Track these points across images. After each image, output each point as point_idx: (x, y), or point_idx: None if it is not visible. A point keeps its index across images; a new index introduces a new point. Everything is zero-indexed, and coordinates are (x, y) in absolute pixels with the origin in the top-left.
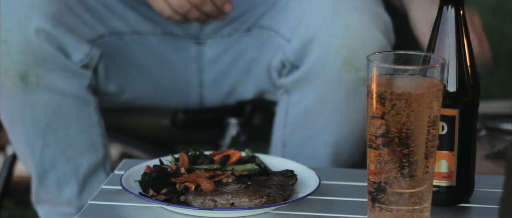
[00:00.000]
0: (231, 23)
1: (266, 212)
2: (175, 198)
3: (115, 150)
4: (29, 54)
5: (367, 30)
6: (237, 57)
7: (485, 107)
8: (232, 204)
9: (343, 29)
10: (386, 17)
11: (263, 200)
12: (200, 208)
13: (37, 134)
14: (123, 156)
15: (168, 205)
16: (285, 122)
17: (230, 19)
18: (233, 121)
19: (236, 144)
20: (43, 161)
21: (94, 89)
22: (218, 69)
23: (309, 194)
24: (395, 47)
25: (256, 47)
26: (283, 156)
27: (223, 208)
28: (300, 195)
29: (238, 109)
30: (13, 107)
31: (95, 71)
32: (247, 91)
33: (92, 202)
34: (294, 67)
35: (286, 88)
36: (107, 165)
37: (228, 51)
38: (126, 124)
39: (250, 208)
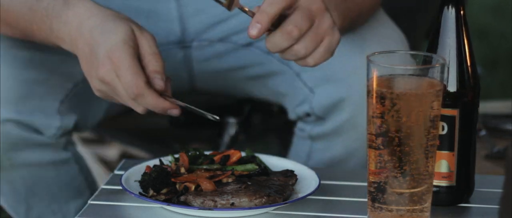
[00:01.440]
0: (217, 25)
1: (266, 212)
2: (175, 198)
3: (115, 150)
4: None
5: None
6: (232, 68)
7: (485, 107)
8: (232, 204)
9: None
10: None
11: (263, 200)
12: (200, 208)
13: (19, 202)
14: (123, 155)
15: (168, 205)
16: (306, 164)
17: (216, 21)
18: (232, 120)
19: (235, 143)
20: None
21: (70, 142)
22: (209, 69)
23: (309, 194)
24: None
25: (258, 66)
26: None
27: (223, 208)
28: (300, 195)
29: (237, 108)
30: None
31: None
32: (243, 94)
33: (92, 202)
34: (320, 118)
35: (311, 136)
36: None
37: (221, 57)
38: (126, 123)
39: (250, 208)
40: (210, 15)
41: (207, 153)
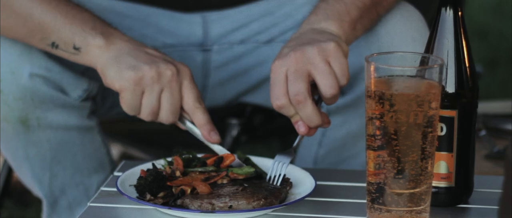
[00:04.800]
0: (239, 29)
1: (266, 214)
2: (171, 201)
3: (115, 150)
4: (26, 100)
5: None
6: (250, 67)
7: (485, 107)
8: (230, 206)
9: None
10: None
11: (261, 202)
12: (200, 211)
13: (44, 168)
14: (123, 156)
15: (169, 209)
16: (321, 142)
17: (238, 25)
18: (234, 122)
19: (237, 144)
20: (52, 190)
21: (93, 110)
22: (224, 75)
23: (306, 196)
24: None
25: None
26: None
27: (222, 211)
28: (298, 196)
29: (239, 109)
30: (16, 147)
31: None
32: (258, 99)
33: (91, 204)
34: (341, 92)
35: (329, 110)
36: None
37: (239, 59)
38: (127, 124)
39: (249, 211)
40: (233, 20)
41: (199, 155)
